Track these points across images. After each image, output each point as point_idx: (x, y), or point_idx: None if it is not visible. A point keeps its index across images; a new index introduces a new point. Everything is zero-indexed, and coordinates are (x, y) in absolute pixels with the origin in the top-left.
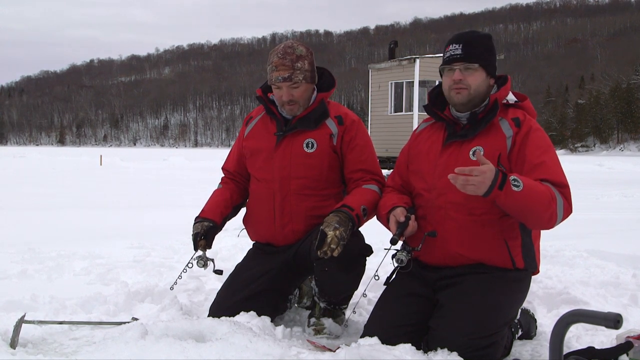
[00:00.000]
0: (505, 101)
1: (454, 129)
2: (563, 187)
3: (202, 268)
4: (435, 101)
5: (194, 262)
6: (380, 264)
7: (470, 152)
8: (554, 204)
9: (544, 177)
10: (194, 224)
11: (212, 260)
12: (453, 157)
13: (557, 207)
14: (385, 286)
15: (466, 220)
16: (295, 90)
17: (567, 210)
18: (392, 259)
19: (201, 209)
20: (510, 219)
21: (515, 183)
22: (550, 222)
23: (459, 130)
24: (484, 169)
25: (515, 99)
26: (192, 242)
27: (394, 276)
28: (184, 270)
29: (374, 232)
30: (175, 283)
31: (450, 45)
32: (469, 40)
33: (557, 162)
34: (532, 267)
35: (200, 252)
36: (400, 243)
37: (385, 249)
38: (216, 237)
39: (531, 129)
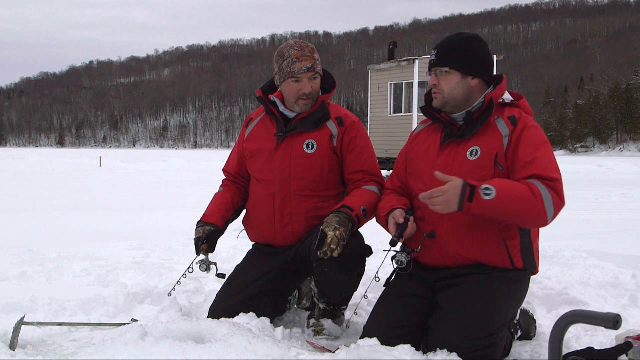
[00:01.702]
0: (501, 100)
1: (451, 129)
2: (553, 181)
3: (205, 272)
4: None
5: (197, 266)
6: (381, 265)
7: (468, 152)
8: (538, 202)
9: (533, 174)
10: (196, 228)
11: (215, 264)
12: (451, 158)
13: (544, 203)
14: (384, 287)
15: (464, 220)
16: (315, 82)
17: (558, 204)
18: (392, 261)
19: (203, 213)
20: None
21: (487, 192)
22: (540, 220)
23: (456, 131)
24: (446, 188)
25: (512, 99)
26: (192, 244)
27: (393, 277)
28: (184, 276)
29: (374, 233)
30: (174, 289)
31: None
32: (443, 44)
33: (549, 157)
34: (532, 267)
35: (202, 257)
36: (399, 245)
37: (384, 250)
38: None
39: (526, 127)
